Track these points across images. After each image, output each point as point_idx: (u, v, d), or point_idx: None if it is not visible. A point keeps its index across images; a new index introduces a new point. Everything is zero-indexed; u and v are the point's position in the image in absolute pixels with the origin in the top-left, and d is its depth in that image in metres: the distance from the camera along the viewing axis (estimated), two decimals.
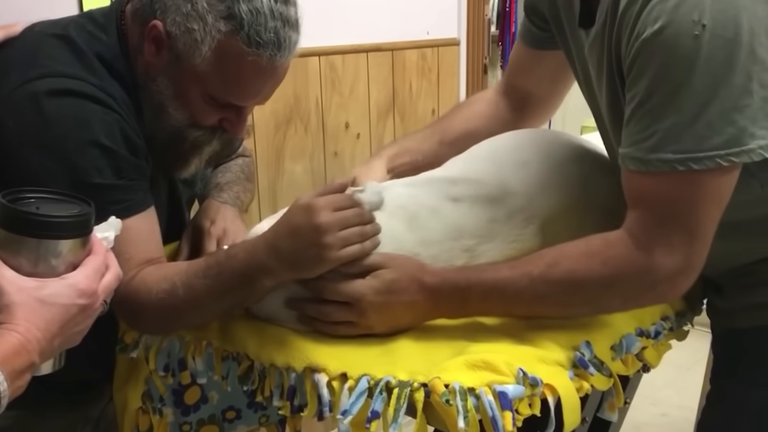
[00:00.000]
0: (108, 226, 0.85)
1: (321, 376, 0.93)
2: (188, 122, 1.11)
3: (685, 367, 2.76)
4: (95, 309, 0.78)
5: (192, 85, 1.08)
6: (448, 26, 2.69)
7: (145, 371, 1.17)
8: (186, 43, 1.04)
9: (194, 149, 1.14)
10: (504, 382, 0.86)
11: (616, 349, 1.01)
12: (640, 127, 0.90)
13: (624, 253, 0.93)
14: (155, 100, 1.10)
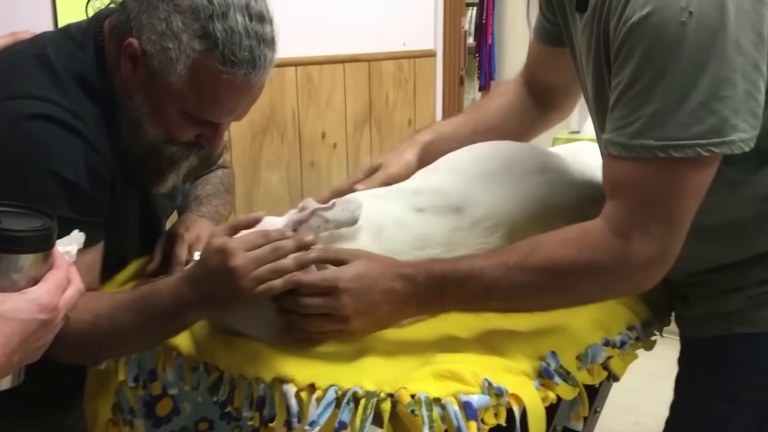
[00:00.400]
0: (70, 240, 0.84)
1: (289, 387, 0.94)
2: (164, 138, 1.12)
3: (658, 375, 2.77)
4: (56, 324, 0.77)
5: (168, 102, 1.08)
6: (425, 38, 2.71)
7: (115, 383, 1.16)
8: (161, 61, 1.05)
9: (171, 165, 1.15)
10: (469, 392, 0.87)
11: (582, 359, 1.02)
12: (624, 112, 0.91)
13: (600, 239, 0.94)
14: (131, 116, 1.11)
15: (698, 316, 1.14)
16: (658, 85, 0.87)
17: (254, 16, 1.04)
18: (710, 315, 1.12)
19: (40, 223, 0.77)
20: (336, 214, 1.02)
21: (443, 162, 1.22)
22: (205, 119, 1.10)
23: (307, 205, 1.05)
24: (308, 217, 1.02)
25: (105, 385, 1.18)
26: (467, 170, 1.18)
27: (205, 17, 1.02)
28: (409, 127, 2.65)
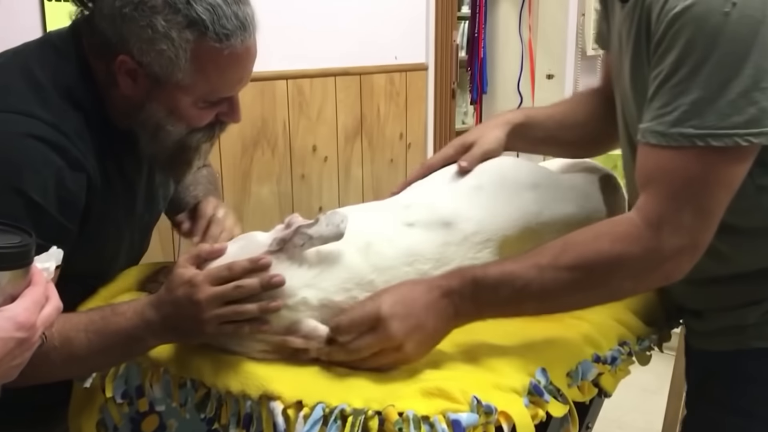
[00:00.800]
0: (48, 257, 0.82)
1: (276, 404, 0.92)
2: (187, 131, 1.12)
3: (651, 390, 2.78)
4: (33, 342, 0.75)
5: (181, 98, 1.08)
6: (416, 51, 2.72)
7: (100, 399, 1.15)
8: (161, 65, 1.05)
9: (197, 151, 1.16)
10: (458, 410, 0.86)
11: (572, 376, 1.01)
12: (663, 101, 0.92)
13: (631, 231, 0.94)
14: (149, 124, 1.11)
15: (713, 329, 1.14)
16: (699, 75, 0.88)
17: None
18: (726, 329, 1.11)
19: (18, 239, 0.75)
20: (320, 229, 1.00)
21: (436, 176, 1.22)
22: (220, 98, 1.11)
23: (293, 221, 1.03)
24: (291, 235, 1.00)
25: (90, 402, 1.17)
26: (459, 185, 1.17)
27: (183, 6, 1.02)
28: (400, 141, 2.65)
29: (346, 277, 1.02)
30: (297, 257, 1.01)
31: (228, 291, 0.96)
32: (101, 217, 1.12)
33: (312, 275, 1.00)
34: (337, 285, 1.01)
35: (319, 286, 1.00)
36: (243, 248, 1.04)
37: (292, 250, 1.00)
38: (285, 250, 1.01)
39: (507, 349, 1.02)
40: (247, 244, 1.05)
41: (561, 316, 1.10)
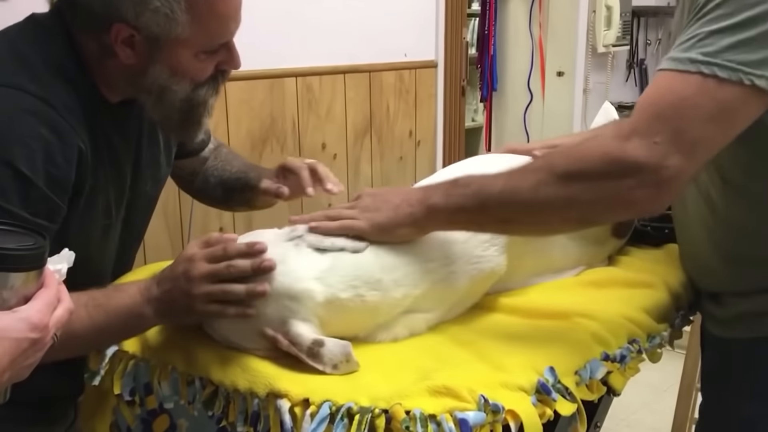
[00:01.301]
0: (60, 259, 0.82)
1: (283, 402, 0.92)
2: (191, 87, 1.12)
3: (660, 389, 2.77)
4: (46, 343, 0.76)
5: (182, 54, 1.08)
6: (426, 48, 2.71)
7: (112, 401, 1.16)
8: (158, 23, 1.04)
9: (204, 106, 1.16)
10: (465, 408, 0.85)
11: (581, 374, 1.01)
12: (685, 35, 0.93)
13: (597, 143, 0.94)
14: (154, 88, 1.11)
15: (731, 316, 1.13)
16: (722, 7, 0.89)
17: None
18: (746, 315, 1.10)
19: (32, 241, 0.76)
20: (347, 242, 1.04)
21: (441, 175, 1.22)
22: (216, 46, 1.11)
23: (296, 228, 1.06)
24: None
25: (102, 404, 1.17)
26: None
27: None
28: (409, 138, 2.64)
29: (355, 274, 1.02)
30: (311, 250, 1.02)
31: (219, 269, 0.98)
32: (93, 193, 1.11)
33: (323, 268, 1.01)
34: (346, 282, 1.01)
35: (328, 281, 1.00)
36: (257, 236, 1.05)
37: (310, 240, 1.02)
38: (302, 240, 1.02)
39: (515, 348, 1.01)
40: (260, 233, 1.06)
41: (569, 315, 1.10)
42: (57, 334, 0.79)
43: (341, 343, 0.96)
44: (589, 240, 1.27)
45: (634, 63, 4.03)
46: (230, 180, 1.48)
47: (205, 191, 1.51)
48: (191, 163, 1.48)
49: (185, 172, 1.48)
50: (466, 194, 1.01)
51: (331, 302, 1.00)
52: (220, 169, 1.49)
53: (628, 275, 1.26)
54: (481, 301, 1.16)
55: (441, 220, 1.04)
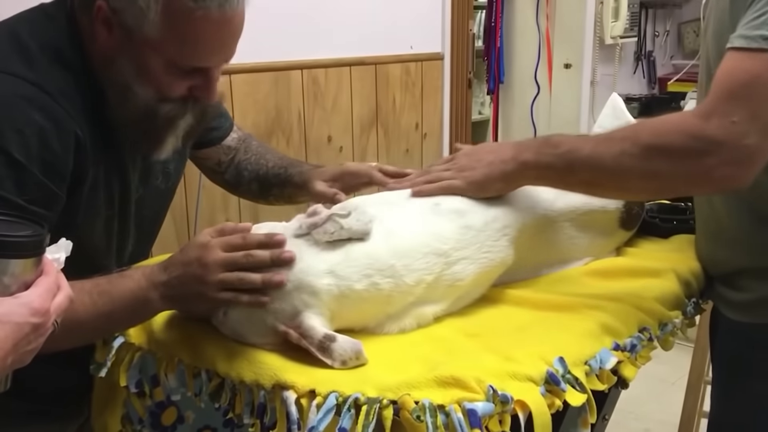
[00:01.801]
0: (58, 248, 0.83)
1: (289, 393, 0.91)
2: (156, 97, 1.07)
3: (669, 381, 2.76)
4: (47, 328, 0.77)
5: (151, 56, 1.03)
6: (432, 41, 2.70)
7: (122, 394, 1.16)
8: (133, 14, 1.00)
9: (167, 125, 1.10)
10: (474, 399, 0.85)
11: (591, 364, 1.00)
12: (754, 12, 0.93)
13: (680, 120, 0.96)
14: (118, 82, 1.06)
15: (752, 300, 1.14)
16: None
17: None
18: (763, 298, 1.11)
19: (31, 230, 0.77)
20: (351, 222, 1.01)
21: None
22: (192, 67, 1.06)
23: (317, 210, 1.03)
24: (323, 221, 1.00)
25: (113, 397, 1.17)
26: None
27: None
28: (416, 131, 2.64)
29: (367, 263, 1.01)
30: (322, 243, 1.01)
31: (237, 258, 0.96)
32: (95, 182, 1.10)
33: (336, 261, 1.00)
34: (360, 271, 1.00)
35: (341, 273, 1.00)
36: (269, 230, 1.04)
37: (319, 237, 1.00)
38: (312, 235, 1.01)
39: (523, 339, 1.00)
40: (272, 227, 1.05)
41: (578, 306, 1.09)
42: (58, 321, 0.80)
43: (353, 341, 0.95)
44: (596, 231, 1.26)
45: (642, 55, 4.01)
46: (268, 176, 1.44)
47: (239, 186, 1.48)
48: (215, 153, 1.44)
49: (211, 163, 1.45)
50: (556, 154, 1.06)
51: (346, 295, 1.00)
52: (254, 164, 1.45)
53: (636, 265, 1.25)
54: (488, 293, 1.15)
55: (530, 176, 1.11)
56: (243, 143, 1.47)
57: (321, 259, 1.00)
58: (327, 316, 0.99)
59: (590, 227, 1.24)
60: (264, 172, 1.45)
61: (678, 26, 4.15)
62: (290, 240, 1.01)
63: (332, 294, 0.99)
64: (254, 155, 1.46)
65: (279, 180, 1.44)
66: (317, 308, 0.98)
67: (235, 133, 1.46)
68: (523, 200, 1.15)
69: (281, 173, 1.44)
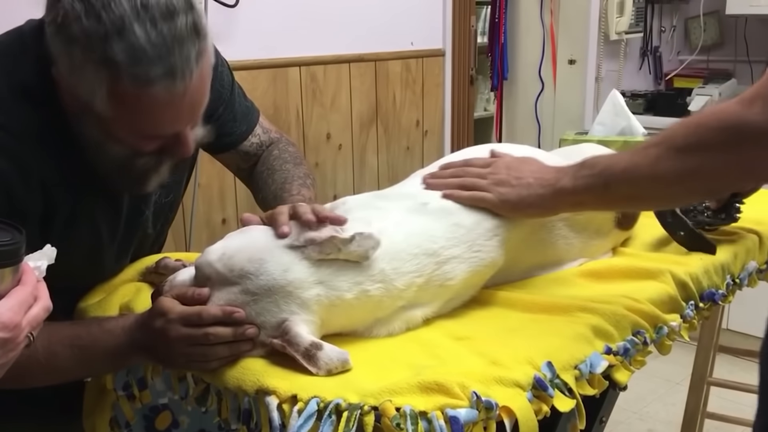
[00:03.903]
0: (41, 255, 0.81)
1: (271, 399, 0.90)
2: (130, 153, 1.03)
3: (674, 381, 2.73)
4: (18, 343, 0.74)
5: (113, 124, 0.99)
6: (433, 37, 2.68)
7: (111, 397, 1.15)
8: (84, 91, 0.95)
9: (145, 173, 1.07)
10: (457, 405, 0.83)
11: (581, 369, 0.97)
12: None
13: (718, 110, 0.91)
14: (90, 138, 1.02)
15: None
16: None
17: (157, 17, 0.91)
18: None
19: (9, 236, 0.74)
20: (351, 248, 0.98)
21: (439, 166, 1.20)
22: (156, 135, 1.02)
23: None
24: (324, 241, 0.98)
25: (102, 400, 1.17)
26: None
27: (98, 41, 0.90)
28: (417, 128, 2.61)
29: (358, 270, 0.99)
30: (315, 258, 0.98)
31: (198, 336, 0.95)
32: (70, 218, 1.07)
33: (327, 272, 0.98)
34: (350, 279, 0.99)
35: (331, 284, 0.98)
36: (265, 235, 1.01)
37: (314, 255, 0.98)
38: (308, 250, 0.98)
39: (511, 342, 0.98)
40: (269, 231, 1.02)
41: (569, 309, 1.07)
42: (33, 334, 0.77)
43: (339, 350, 0.94)
44: (591, 232, 1.24)
45: (648, 51, 3.96)
46: (267, 199, 1.32)
47: (257, 198, 1.37)
48: (231, 159, 1.36)
49: (232, 168, 1.39)
50: (593, 174, 1.02)
51: (336, 304, 0.98)
52: (262, 180, 1.34)
53: (632, 266, 1.22)
54: (478, 295, 1.13)
55: (569, 202, 1.07)
56: (265, 153, 1.37)
57: (311, 271, 0.98)
58: (317, 324, 0.98)
59: (585, 227, 1.22)
60: (264, 196, 1.34)
61: (685, 21, 4.10)
62: (283, 249, 0.99)
63: (322, 304, 0.97)
64: (267, 170, 1.34)
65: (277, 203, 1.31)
66: (306, 317, 0.97)
67: (256, 137, 1.36)
68: None
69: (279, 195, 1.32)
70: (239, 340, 0.95)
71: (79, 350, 0.99)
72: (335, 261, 0.98)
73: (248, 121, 1.36)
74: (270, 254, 0.97)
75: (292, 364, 0.94)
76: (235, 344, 0.95)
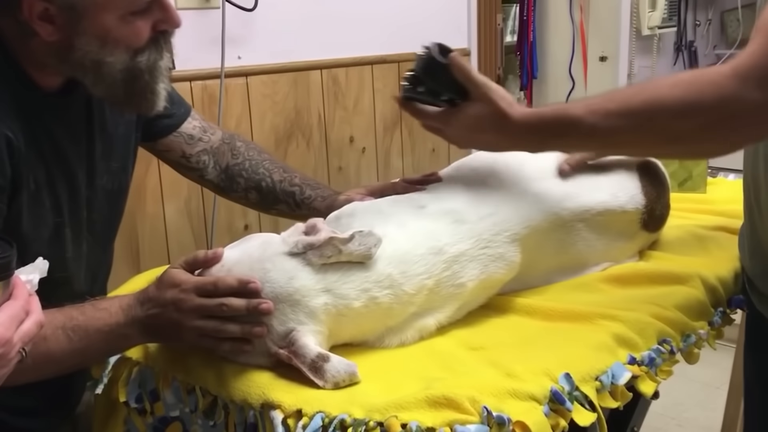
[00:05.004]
0: (33, 269, 0.78)
1: (276, 413, 0.88)
2: (130, 55, 1.03)
3: (713, 386, 2.64)
4: (9, 359, 0.72)
5: (106, 18, 0.99)
6: (458, 36, 2.62)
7: (123, 412, 1.13)
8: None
9: (153, 75, 1.06)
10: (467, 421, 0.79)
11: (602, 380, 0.93)
12: None
13: (714, 77, 0.87)
14: (87, 64, 1.02)
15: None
16: None
17: None
18: None
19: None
20: (352, 248, 0.95)
21: (454, 165, 1.17)
22: (145, 4, 1.01)
23: (319, 226, 0.99)
24: (322, 244, 0.95)
25: (113, 415, 1.15)
26: (469, 171, 1.15)
27: None
28: None
29: (363, 275, 0.96)
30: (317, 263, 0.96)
31: (212, 306, 0.93)
32: (38, 188, 1.06)
33: (332, 279, 0.95)
34: (357, 287, 0.96)
35: (338, 292, 0.95)
36: (262, 245, 0.99)
37: (315, 259, 0.95)
38: (308, 255, 0.96)
39: (528, 353, 0.94)
40: (266, 241, 1.00)
41: (590, 316, 1.02)
42: (26, 349, 0.75)
43: (347, 362, 0.90)
44: (614, 234, 1.18)
45: (683, 45, 3.87)
46: (275, 191, 1.37)
47: (231, 192, 1.41)
48: (175, 144, 1.36)
49: (175, 155, 1.36)
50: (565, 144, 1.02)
51: (344, 314, 0.95)
52: (250, 172, 1.38)
53: (658, 270, 1.17)
54: (494, 302, 1.09)
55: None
56: (223, 143, 1.40)
57: (317, 278, 0.95)
58: (325, 334, 0.95)
59: (607, 229, 1.17)
60: (268, 186, 1.37)
61: (721, 14, 4.00)
62: (285, 257, 0.96)
63: (330, 313, 0.95)
64: (248, 161, 1.39)
65: (292, 200, 1.36)
66: (313, 327, 0.94)
67: (197, 121, 1.38)
68: (528, 198, 1.09)
69: (295, 192, 1.36)
70: (251, 322, 0.93)
71: (72, 332, 0.95)
72: (340, 267, 0.95)
73: (184, 105, 1.37)
74: (271, 263, 0.95)
75: (299, 377, 0.91)
76: (247, 325, 0.93)
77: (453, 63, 1.06)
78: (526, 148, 1.04)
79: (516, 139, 1.02)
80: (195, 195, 1.95)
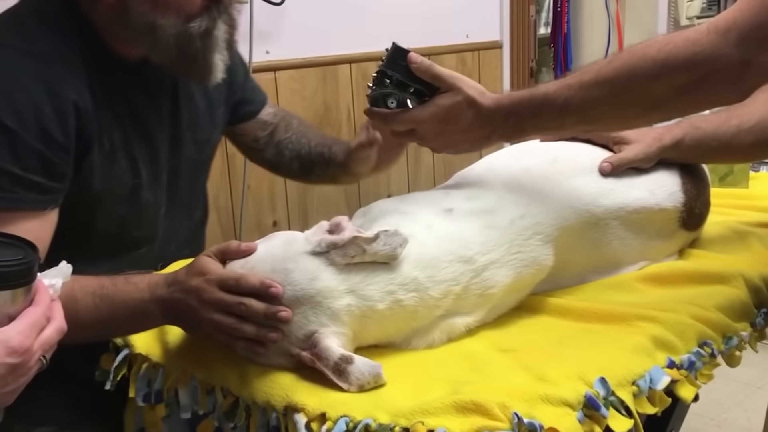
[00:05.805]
0: (57, 273, 0.77)
1: (300, 417, 0.85)
2: (182, 20, 1.07)
3: (755, 386, 2.58)
4: (29, 367, 0.70)
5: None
6: (490, 28, 2.59)
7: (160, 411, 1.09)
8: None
9: (206, 42, 1.10)
10: (496, 428, 0.75)
11: (639, 385, 0.88)
12: None
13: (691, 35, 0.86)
14: (141, 26, 1.06)
15: None
16: None
17: None
18: None
19: (21, 254, 0.70)
20: (377, 247, 0.92)
21: (479, 163, 1.15)
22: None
23: (343, 225, 0.96)
24: (346, 243, 0.92)
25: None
26: (503, 169, 1.09)
27: None
28: None
29: (388, 277, 0.93)
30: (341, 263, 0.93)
31: (231, 302, 0.91)
32: (111, 150, 1.09)
33: (356, 279, 0.92)
34: (381, 289, 0.93)
35: (363, 293, 0.92)
36: (285, 243, 0.97)
37: (339, 259, 0.92)
38: (331, 255, 0.93)
39: (562, 356, 0.90)
40: (289, 240, 0.98)
41: (627, 317, 0.98)
42: (46, 357, 0.73)
43: (371, 363, 0.88)
44: (652, 232, 1.13)
45: None
46: (310, 155, 1.44)
47: (280, 165, 1.47)
48: (251, 128, 1.43)
49: (248, 139, 1.44)
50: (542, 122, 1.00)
51: (368, 315, 0.92)
52: (295, 142, 1.44)
53: (698, 270, 1.12)
54: (527, 303, 1.05)
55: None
56: (282, 120, 1.46)
57: (340, 278, 0.92)
58: (349, 336, 0.92)
59: (644, 227, 1.12)
60: (306, 152, 1.43)
61: None
62: (307, 257, 0.93)
63: (353, 315, 0.92)
64: (295, 134, 1.45)
65: (322, 159, 1.42)
66: (336, 329, 0.91)
67: (271, 107, 1.46)
68: (560, 196, 1.05)
69: (324, 152, 1.42)
70: (268, 326, 0.91)
71: (101, 300, 0.97)
72: (364, 267, 0.92)
73: (261, 91, 1.46)
74: (294, 263, 0.92)
75: (322, 379, 0.89)
76: (263, 329, 0.91)
77: (413, 61, 1.03)
78: (503, 135, 1.03)
79: (491, 126, 1.01)
80: (224, 191, 1.94)
